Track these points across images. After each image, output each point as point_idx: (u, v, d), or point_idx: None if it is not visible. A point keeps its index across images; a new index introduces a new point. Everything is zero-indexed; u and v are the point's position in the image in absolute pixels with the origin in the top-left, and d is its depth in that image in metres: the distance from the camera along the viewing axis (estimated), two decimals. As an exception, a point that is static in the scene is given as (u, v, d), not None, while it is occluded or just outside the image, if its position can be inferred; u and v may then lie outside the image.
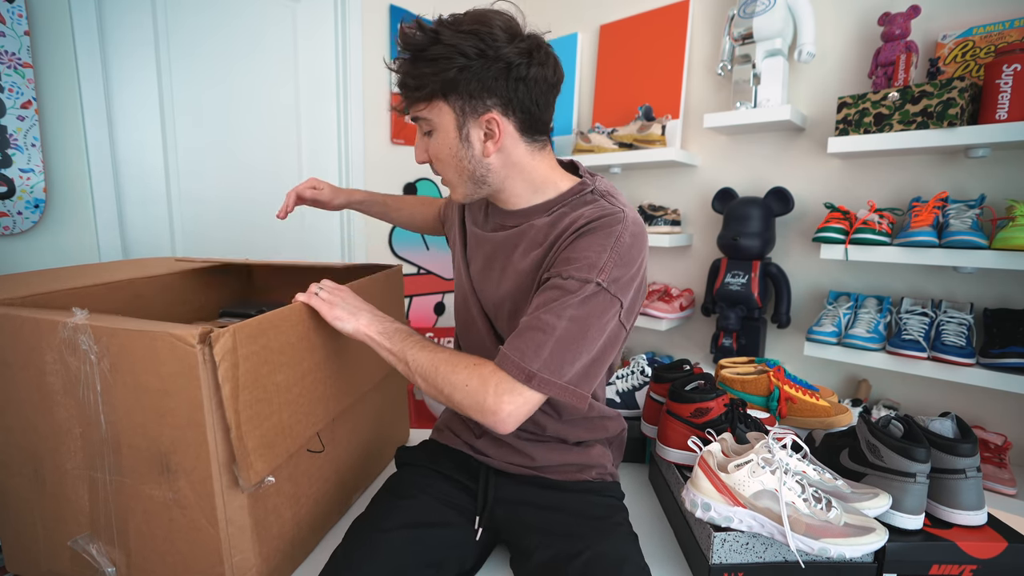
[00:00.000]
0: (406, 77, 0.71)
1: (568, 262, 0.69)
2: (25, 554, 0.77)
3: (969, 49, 1.35)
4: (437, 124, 0.72)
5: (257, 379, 0.65)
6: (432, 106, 0.71)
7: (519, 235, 0.78)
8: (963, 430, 0.78)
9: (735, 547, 0.71)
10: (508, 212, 0.80)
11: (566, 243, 0.71)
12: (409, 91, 0.72)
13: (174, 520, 0.65)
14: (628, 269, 0.69)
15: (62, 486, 0.71)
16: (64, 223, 1.40)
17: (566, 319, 0.65)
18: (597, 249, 0.68)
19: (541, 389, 0.65)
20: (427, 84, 0.69)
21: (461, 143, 0.72)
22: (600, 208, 0.73)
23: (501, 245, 0.80)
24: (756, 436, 0.78)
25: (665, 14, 1.97)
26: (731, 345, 1.71)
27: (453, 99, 0.70)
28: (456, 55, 0.67)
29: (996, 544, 0.70)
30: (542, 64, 0.71)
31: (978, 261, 1.25)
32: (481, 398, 0.66)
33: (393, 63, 0.73)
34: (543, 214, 0.77)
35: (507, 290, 0.78)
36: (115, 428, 0.65)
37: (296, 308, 0.73)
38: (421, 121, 0.74)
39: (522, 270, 0.76)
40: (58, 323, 0.64)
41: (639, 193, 2.11)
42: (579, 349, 0.66)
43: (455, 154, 0.73)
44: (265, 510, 0.71)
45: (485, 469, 0.85)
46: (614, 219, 0.70)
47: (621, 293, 0.68)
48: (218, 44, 1.68)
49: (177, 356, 0.59)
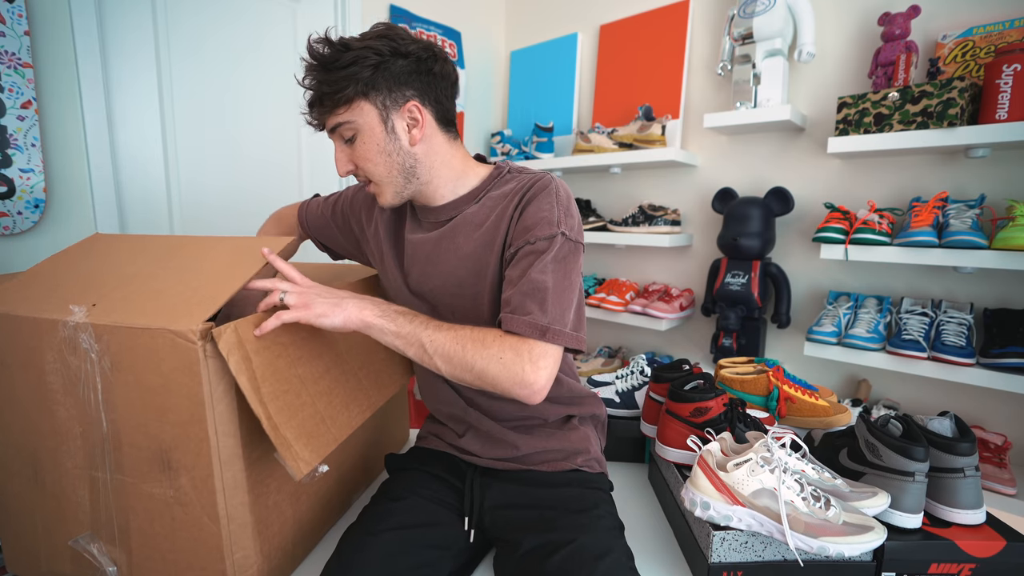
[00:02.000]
0: (322, 86, 0.73)
1: (527, 230, 0.74)
2: (26, 555, 0.77)
3: (969, 49, 1.35)
4: (361, 125, 0.74)
5: (276, 372, 0.65)
6: (353, 108, 0.73)
7: (455, 227, 0.81)
8: (961, 429, 0.78)
9: (734, 546, 0.71)
10: (438, 208, 0.83)
11: (516, 217, 0.76)
12: (327, 98, 0.73)
13: (175, 518, 0.66)
14: (575, 218, 0.76)
15: (62, 486, 0.71)
16: (64, 223, 1.40)
17: (550, 273, 0.71)
18: (546, 208, 0.74)
19: (555, 340, 0.69)
20: (346, 87, 0.71)
21: (388, 136, 0.75)
22: (525, 178, 0.79)
23: (442, 239, 0.82)
24: (755, 435, 0.78)
25: (665, 14, 1.97)
26: (731, 345, 1.71)
27: (373, 96, 0.73)
28: (371, 54, 0.71)
29: (995, 543, 0.70)
30: (445, 61, 0.78)
31: (978, 261, 1.25)
32: (519, 368, 0.67)
33: (303, 81, 0.75)
34: (471, 203, 0.81)
35: (452, 275, 0.81)
36: (116, 426, 0.65)
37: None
38: (342, 127, 0.75)
39: (467, 253, 0.79)
40: (58, 322, 0.64)
41: (639, 193, 2.11)
42: (570, 296, 0.73)
43: (383, 149, 0.75)
44: (266, 508, 0.71)
45: (472, 471, 0.86)
46: (544, 181, 0.77)
47: (579, 238, 0.76)
48: (218, 44, 1.68)
49: (178, 353, 0.59)
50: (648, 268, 2.12)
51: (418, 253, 0.85)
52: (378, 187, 0.79)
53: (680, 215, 1.95)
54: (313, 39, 0.72)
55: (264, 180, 1.84)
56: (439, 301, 0.84)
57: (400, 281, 0.87)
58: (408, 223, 0.87)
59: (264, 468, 0.71)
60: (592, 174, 2.25)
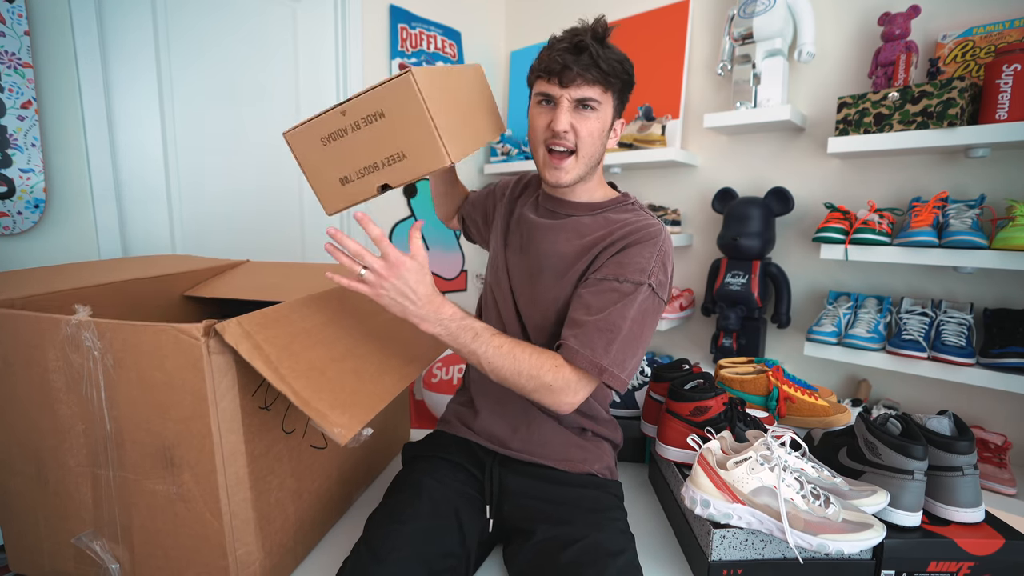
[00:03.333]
0: (598, 60, 0.78)
1: (621, 266, 0.79)
2: (28, 553, 0.77)
3: (969, 49, 1.35)
4: (601, 108, 0.82)
5: (292, 355, 0.65)
6: (606, 93, 0.82)
7: (565, 225, 0.88)
8: (960, 428, 0.78)
9: (734, 544, 0.71)
10: (564, 202, 0.90)
11: (616, 250, 0.82)
12: (595, 71, 0.79)
13: (178, 514, 0.66)
14: (667, 274, 0.82)
15: (65, 484, 0.71)
16: (64, 223, 1.40)
17: (628, 320, 0.76)
18: (646, 256, 0.80)
19: (609, 381, 0.75)
20: (613, 74, 0.80)
21: (607, 131, 0.85)
22: (641, 218, 0.85)
23: (549, 229, 0.88)
24: (755, 434, 0.79)
25: (665, 14, 1.98)
26: (731, 345, 1.71)
27: (618, 96, 0.84)
28: (631, 67, 0.84)
29: (993, 541, 0.70)
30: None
31: (978, 261, 1.25)
32: (564, 397, 0.76)
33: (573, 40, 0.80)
34: (589, 212, 0.88)
35: (536, 262, 0.88)
36: (118, 424, 0.65)
37: (298, 303, 0.73)
38: (589, 100, 0.80)
39: (561, 252, 0.86)
40: (61, 320, 0.64)
41: (639, 193, 2.11)
42: (637, 346, 0.78)
43: (600, 137, 0.84)
44: (269, 504, 0.71)
45: (491, 460, 0.88)
46: (656, 230, 0.83)
47: (664, 294, 0.81)
48: (218, 44, 1.69)
49: (182, 349, 0.59)
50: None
51: (522, 227, 0.92)
52: (574, 162, 0.84)
53: (680, 215, 1.95)
54: (600, 21, 0.82)
55: (265, 180, 1.85)
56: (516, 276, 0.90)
57: (500, 246, 0.95)
58: (528, 204, 0.96)
59: (266, 465, 0.71)
60: (592, 174, 2.24)
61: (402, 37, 2.11)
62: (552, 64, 0.80)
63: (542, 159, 0.85)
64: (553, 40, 0.84)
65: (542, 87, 0.83)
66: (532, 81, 0.86)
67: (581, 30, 0.81)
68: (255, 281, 1.02)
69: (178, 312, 1.02)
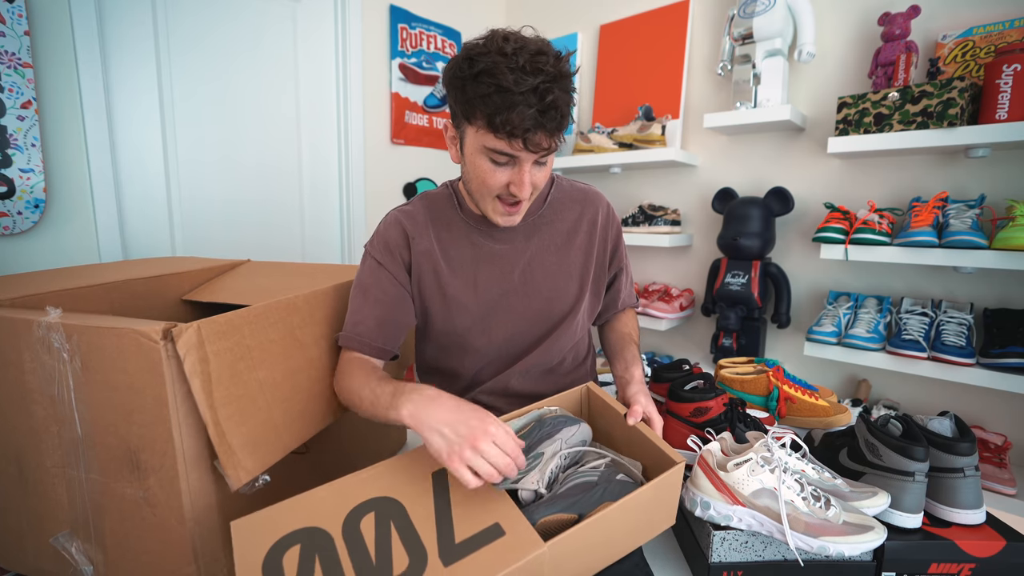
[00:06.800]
0: (563, 110, 0.70)
1: (620, 250, 0.98)
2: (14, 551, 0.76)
3: (969, 49, 1.35)
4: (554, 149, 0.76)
5: (235, 375, 0.64)
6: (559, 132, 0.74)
7: (537, 227, 0.91)
8: (961, 429, 0.78)
9: (734, 545, 0.71)
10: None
11: (612, 235, 0.96)
12: (562, 121, 0.71)
13: (145, 519, 0.64)
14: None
15: (43, 484, 0.70)
16: (64, 223, 1.40)
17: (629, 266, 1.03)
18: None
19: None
20: (570, 106, 0.72)
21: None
22: (589, 189, 0.97)
23: (528, 244, 0.90)
24: (755, 435, 0.78)
25: (665, 14, 1.97)
26: (731, 345, 1.71)
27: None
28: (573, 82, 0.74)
29: (994, 543, 0.70)
30: None
31: (978, 261, 1.25)
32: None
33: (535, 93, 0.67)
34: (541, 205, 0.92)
35: (550, 276, 0.90)
36: (88, 426, 0.64)
37: (273, 305, 0.72)
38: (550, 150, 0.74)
39: (579, 245, 0.92)
40: (32, 322, 0.63)
41: (639, 193, 2.11)
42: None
43: (548, 176, 0.83)
44: (238, 513, 0.69)
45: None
46: (606, 200, 0.98)
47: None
48: (218, 44, 1.68)
49: (143, 352, 0.58)
50: (648, 268, 2.12)
51: (473, 262, 0.88)
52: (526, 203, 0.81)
53: (680, 215, 1.95)
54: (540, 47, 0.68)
55: (264, 179, 1.85)
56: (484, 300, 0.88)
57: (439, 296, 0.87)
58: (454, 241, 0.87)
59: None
60: (592, 174, 2.25)
61: (402, 37, 2.11)
62: (515, 128, 0.67)
63: (491, 206, 0.80)
64: (508, 79, 0.65)
65: (500, 146, 0.71)
66: (477, 124, 0.71)
67: (547, 77, 0.67)
68: (254, 282, 1.01)
69: (177, 315, 1.02)
